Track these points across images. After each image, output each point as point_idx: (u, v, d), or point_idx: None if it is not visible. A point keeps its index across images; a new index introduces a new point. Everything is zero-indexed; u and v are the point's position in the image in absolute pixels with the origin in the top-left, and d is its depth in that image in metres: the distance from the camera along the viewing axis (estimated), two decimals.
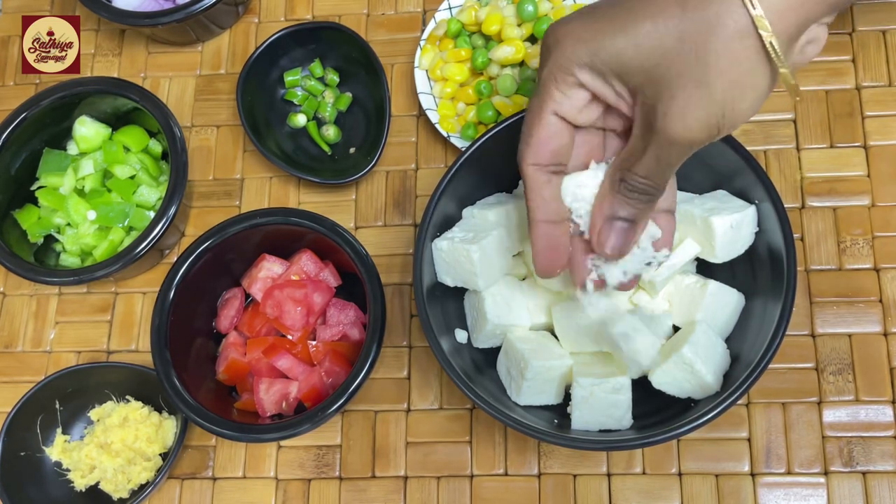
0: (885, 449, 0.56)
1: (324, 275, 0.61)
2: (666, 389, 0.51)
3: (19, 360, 0.66)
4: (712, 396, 0.50)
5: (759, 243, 0.53)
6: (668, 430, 0.47)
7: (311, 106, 0.69)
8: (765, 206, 0.51)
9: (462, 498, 0.58)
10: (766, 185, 0.51)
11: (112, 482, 0.59)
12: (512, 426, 0.48)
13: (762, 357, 0.48)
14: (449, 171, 0.53)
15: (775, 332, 0.48)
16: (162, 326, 0.57)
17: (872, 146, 0.62)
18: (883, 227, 0.60)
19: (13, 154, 0.65)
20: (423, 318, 0.51)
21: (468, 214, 0.56)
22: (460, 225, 0.55)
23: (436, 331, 0.51)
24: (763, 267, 0.52)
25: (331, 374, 0.58)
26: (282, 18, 0.72)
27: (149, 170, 0.66)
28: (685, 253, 0.53)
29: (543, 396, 0.53)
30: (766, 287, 0.51)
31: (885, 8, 0.65)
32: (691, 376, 0.50)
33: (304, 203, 0.67)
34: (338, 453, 0.60)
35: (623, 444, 0.49)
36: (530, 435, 0.48)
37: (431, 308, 0.52)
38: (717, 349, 0.51)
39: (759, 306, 0.52)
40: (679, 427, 0.47)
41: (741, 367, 0.50)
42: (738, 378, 0.48)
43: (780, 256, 0.50)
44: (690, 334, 0.50)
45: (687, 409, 0.50)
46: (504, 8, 0.64)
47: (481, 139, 0.53)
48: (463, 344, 0.55)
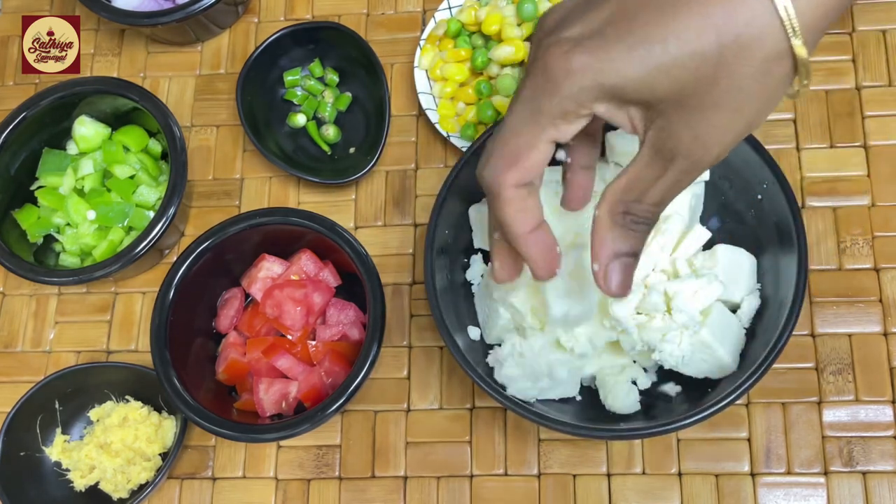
0: (885, 449, 0.56)
1: (324, 275, 0.61)
2: (683, 370, 0.51)
3: (19, 360, 0.65)
4: (731, 377, 0.50)
5: (765, 217, 0.53)
6: (700, 410, 0.47)
7: (310, 106, 0.69)
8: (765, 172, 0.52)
9: (462, 498, 0.58)
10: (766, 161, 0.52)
11: (112, 482, 0.59)
12: (546, 425, 0.49)
13: (784, 327, 0.48)
14: (452, 172, 0.53)
15: (792, 305, 0.48)
16: (162, 326, 0.57)
17: (872, 146, 0.62)
18: (883, 227, 0.60)
19: (13, 154, 0.65)
20: (438, 317, 0.51)
21: (475, 212, 0.56)
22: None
23: (450, 328, 0.51)
24: (771, 240, 0.53)
25: (331, 374, 0.58)
26: (281, 18, 0.72)
27: (148, 170, 0.66)
28: (698, 239, 0.53)
29: (561, 389, 0.53)
30: (775, 253, 0.52)
31: (885, 8, 0.65)
32: (709, 357, 0.50)
33: (303, 203, 0.67)
34: (337, 453, 0.60)
35: (660, 428, 0.48)
36: (566, 432, 0.49)
37: (445, 307, 0.52)
38: (733, 328, 0.51)
39: (771, 284, 0.52)
40: (708, 408, 0.47)
41: (759, 346, 0.50)
42: (756, 357, 0.49)
43: (786, 224, 0.51)
44: (707, 316, 0.50)
45: (704, 395, 0.50)
46: (504, 8, 0.64)
47: (482, 138, 0.54)
48: (476, 341, 0.55)
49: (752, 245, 0.54)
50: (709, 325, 0.50)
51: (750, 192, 0.54)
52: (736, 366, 0.51)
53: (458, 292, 0.55)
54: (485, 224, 0.55)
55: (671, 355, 0.50)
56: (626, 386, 0.52)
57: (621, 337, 0.51)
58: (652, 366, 0.54)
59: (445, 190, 0.53)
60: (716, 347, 0.50)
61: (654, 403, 0.53)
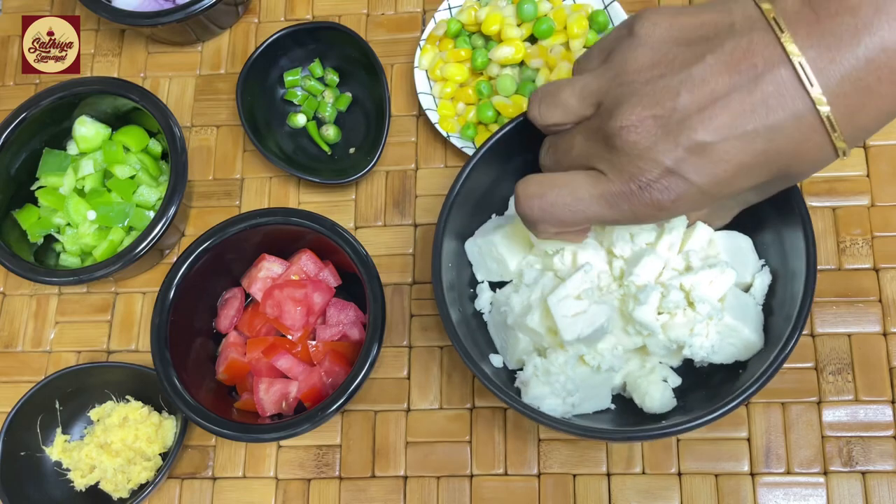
0: (885, 449, 0.56)
1: (324, 275, 0.61)
2: (714, 360, 0.51)
3: (19, 360, 0.66)
4: (761, 355, 0.50)
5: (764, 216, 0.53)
6: (741, 391, 0.47)
7: (310, 106, 0.69)
8: None
9: (462, 498, 0.58)
10: None
11: (112, 482, 0.59)
12: (582, 435, 0.48)
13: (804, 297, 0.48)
14: (443, 215, 0.53)
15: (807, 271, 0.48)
16: (162, 326, 0.57)
17: (872, 146, 0.62)
18: (882, 227, 0.60)
19: (13, 154, 0.65)
20: (463, 350, 0.50)
21: (473, 246, 0.56)
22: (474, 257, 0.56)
23: (476, 359, 0.51)
24: (769, 215, 0.52)
25: (331, 373, 0.58)
26: (281, 18, 0.72)
27: (149, 170, 0.66)
28: (703, 234, 0.52)
29: (594, 403, 0.53)
30: (776, 227, 0.52)
31: None
32: (736, 339, 0.50)
33: (303, 203, 0.67)
34: (338, 453, 0.60)
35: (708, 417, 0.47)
36: (603, 439, 0.50)
37: (465, 339, 0.52)
38: (750, 306, 0.51)
39: (778, 258, 0.52)
40: (750, 386, 0.47)
41: (779, 320, 0.50)
42: (781, 332, 0.48)
43: (782, 194, 0.50)
44: (723, 301, 0.50)
45: (735, 377, 0.50)
46: (504, 8, 0.64)
47: (484, 145, 0.53)
48: (500, 368, 0.55)
49: (751, 222, 0.54)
50: (728, 309, 0.50)
51: None
52: (762, 342, 0.50)
53: (471, 323, 0.55)
54: (484, 257, 0.55)
55: (702, 347, 0.50)
56: (660, 385, 0.52)
57: (648, 341, 0.51)
58: (676, 364, 0.54)
59: (441, 233, 0.52)
60: (741, 328, 0.49)
61: (686, 397, 0.53)
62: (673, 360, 0.54)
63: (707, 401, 0.50)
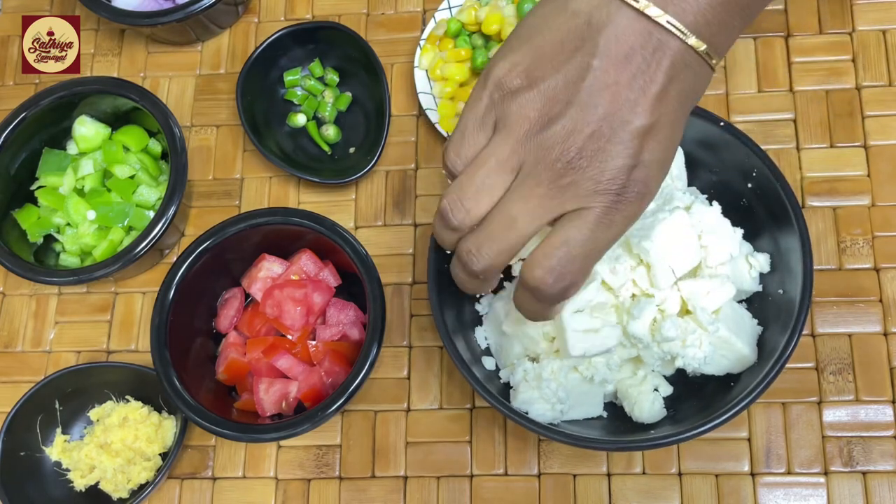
0: (885, 449, 0.56)
1: (323, 275, 0.61)
2: (705, 371, 0.51)
3: (19, 360, 0.65)
4: (753, 369, 0.50)
5: (757, 201, 0.53)
6: (731, 406, 0.47)
7: (310, 106, 0.69)
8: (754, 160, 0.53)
9: (462, 498, 0.58)
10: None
11: (112, 482, 0.59)
12: (579, 445, 0.49)
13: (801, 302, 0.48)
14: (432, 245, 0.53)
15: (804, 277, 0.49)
16: (162, 326, 0.57)
17: (872, 146, 0.62)
18: (883, 227, 0.60)
19: (13, 154, 0.65)
20: (453, 352, 0.51)
21: None
22: None
23: (467, 361, 0.51)
24: (767, 221, 0.53)
25: (331, 373, 0.58)
26: (281, 18, 0.72)
27: (148, 170, 0.66)
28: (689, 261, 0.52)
29: (584, 410, 0.53)
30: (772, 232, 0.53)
31: (885, 8, 0.65)
32: (729, 352, 0.50)
33: (303, 203, 0.67)
34: (338, 453, 0.60)
35: (695, 431, 0.48)
36: (599, 449, 0.50)
37: (457, 342, 0.52)
38: (745, 320, 0.52)
39: (776, 273, 0.53)
40: (741, 401, 0.47)
41: (774, 334, 0.50)
42: (776, 346, 0.49)
43: (779, 201, 0.51)
44: (718, 313, 0.50)
45: (728, 389, 0.51)
46: (504, 8, 0.64)
47: None
48: (492, 371, 0.55)
49: (749, 230, 0.54)
50: (723, 321, 0.50)
51: (740, 182, 0.54)
52: (755, 356, 0.51)
53: (469, 325, 0.56)
54: None
55: (694, 358, 0.50)
56: (650, 395, 0.52)
57: (643, 353, 0.51)
58: (669, 373, 0.55)
59: (433, 260, 0.52)
60: (734, 342, 0.50)
61: (677, 406, 0.53)
62: (666, 370, 0.54)
63: (699, 411, 0.50)
